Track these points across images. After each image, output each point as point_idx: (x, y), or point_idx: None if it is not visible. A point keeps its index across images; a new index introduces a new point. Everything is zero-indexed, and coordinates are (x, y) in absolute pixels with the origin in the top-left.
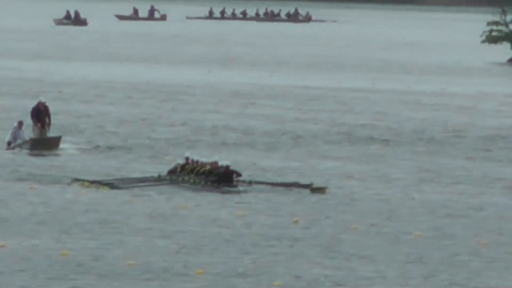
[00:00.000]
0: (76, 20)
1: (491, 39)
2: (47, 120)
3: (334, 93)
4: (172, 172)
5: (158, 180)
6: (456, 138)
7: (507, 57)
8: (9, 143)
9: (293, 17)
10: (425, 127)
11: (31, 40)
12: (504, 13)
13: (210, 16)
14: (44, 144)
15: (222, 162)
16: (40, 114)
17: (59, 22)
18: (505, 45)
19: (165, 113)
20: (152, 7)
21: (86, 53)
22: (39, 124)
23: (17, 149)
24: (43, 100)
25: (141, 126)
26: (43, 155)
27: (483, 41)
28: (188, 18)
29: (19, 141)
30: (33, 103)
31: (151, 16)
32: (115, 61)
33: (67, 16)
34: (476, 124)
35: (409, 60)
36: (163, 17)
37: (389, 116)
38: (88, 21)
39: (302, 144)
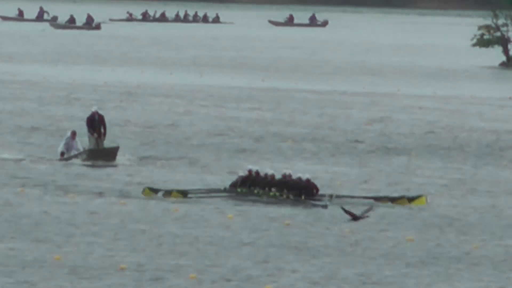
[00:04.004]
0: (88, 24)
1: (483, 42)
2: (102, 129)
3: (325, 96)
4: (235, 185)
5: (230, 192)
6: (447, 142)
7: (499, 61)
8: (62, 154)
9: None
10: (415, 131)
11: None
12: (495, 16)
13: (131, 18)
14: (101, 155)
15: (302, 175)
16: (95, 123)
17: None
18: (497, 49)
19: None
20: (41, 8)
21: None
22: (95, 134)
23: (72, 160)
24: (94, 109)
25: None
26: (100, 167)
27: (474, 45)
28: (111, 20)
29: (73, 152)
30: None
31: (40, 18)
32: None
33: (72, 20)
34: (468, 127)
35: (399, 64)
36: (54, 19)
37: (379, 120)
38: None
39: (299, 150)
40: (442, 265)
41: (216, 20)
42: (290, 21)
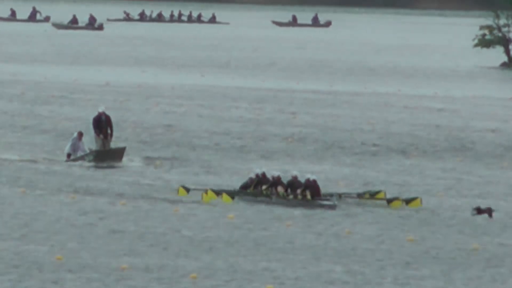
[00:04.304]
0: (90, 24)
1: (484, 43)
2: (109, 130)
3: (325, 96)
4: (245, 187)
5: (239, 193)
6: (447, 142)
7: (500, 61)
8: (69, 155)
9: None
10: (417, 131)
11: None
12: (497, 17)
13: (128, 18)
14: (107, 156)
15: (309, 176)
16: (102, 124)
17: (60, 26)
18: (498, 49)
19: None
20: (34, 8)
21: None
22: (101, 135)
23: (78, 161)
24: (101, 109)
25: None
26: (106, 168)
27: (475, 45)
28: (109, 20)
29: (80, 153)
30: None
31: (32, 18)
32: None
33: (74, 21)
34: (468, 128)
35: (400, 64)
36: (47, 19)
37: (380, 120)
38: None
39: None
40: (443, 266)
41: (213, 20)
42: (293, 22)
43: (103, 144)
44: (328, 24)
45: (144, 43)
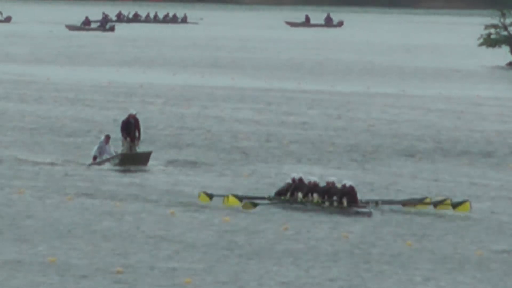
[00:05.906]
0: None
1: (490, 42)
2: (137, 134)
3: (327, 96)
4: (281, 193)
5: (274, 200)
6: (452, 144)
7: (506, 61)
8: (95, 158)
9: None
10: (421, 132)
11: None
12: (503, 15)
13: (107, 19)
14: (133, 159)
15: (346, 182)
16: (130, 127)
17: (73, 28)
18: (504, 48)
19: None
20: None
21: None
22: (128, 138)
23: (104, 164)
24: (134, 112)
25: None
26: (131, 172)
27: (480, 44)
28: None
29: (106, 156)
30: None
31: None
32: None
33: (87, 22)
34: (473, 128)
35: (404, 64)
36: (8, 19)
37: (383, 121)
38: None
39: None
40: (443, 269)
41: (184, 20)
42: (306, 22)
43: (129, 148)
44: (340, 24)
45: (151, 44)
